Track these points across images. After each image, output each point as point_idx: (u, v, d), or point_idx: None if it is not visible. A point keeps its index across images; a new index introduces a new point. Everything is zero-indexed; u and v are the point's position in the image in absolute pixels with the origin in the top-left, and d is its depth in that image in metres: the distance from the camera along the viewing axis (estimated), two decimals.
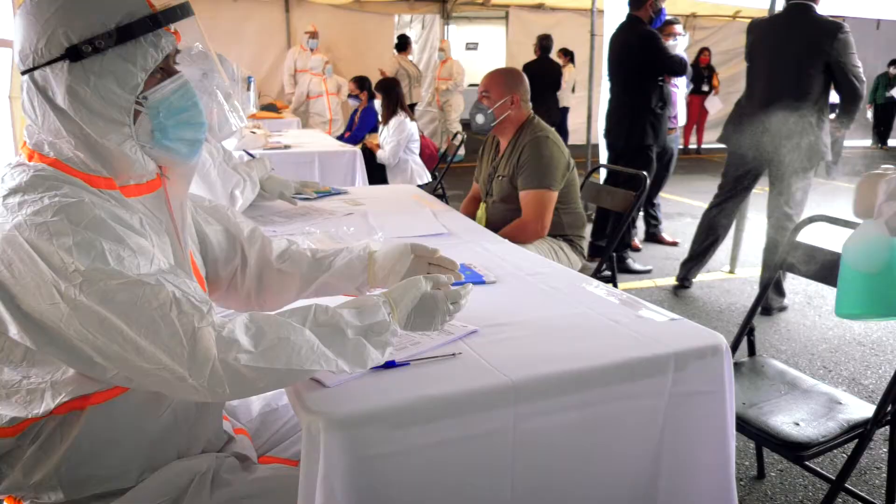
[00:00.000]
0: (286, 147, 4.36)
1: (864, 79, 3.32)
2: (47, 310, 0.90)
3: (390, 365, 1.14)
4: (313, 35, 7.75)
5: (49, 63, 0.97)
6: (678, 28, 4.62)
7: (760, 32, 3.60)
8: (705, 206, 4.00)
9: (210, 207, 1.37)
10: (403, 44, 8.57)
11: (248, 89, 4.73)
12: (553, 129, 2.69)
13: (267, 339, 0.96)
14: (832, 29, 3.24)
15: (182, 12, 1.03)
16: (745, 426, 1.65)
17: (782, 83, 3.37)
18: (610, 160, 4.51)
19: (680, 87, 5.08)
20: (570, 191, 2.62)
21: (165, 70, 1.06)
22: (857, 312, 1.38)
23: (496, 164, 2.70)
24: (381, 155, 5.00)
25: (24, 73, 0.99)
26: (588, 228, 3.04)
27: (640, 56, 4.12)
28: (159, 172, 1.13)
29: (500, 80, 2.64)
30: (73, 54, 0.96)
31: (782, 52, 3.39)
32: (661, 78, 4.19)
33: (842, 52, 3.22)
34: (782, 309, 3.71)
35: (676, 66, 4.17)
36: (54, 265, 0.90)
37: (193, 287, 0.98)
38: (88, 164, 1.01)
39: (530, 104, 2.69)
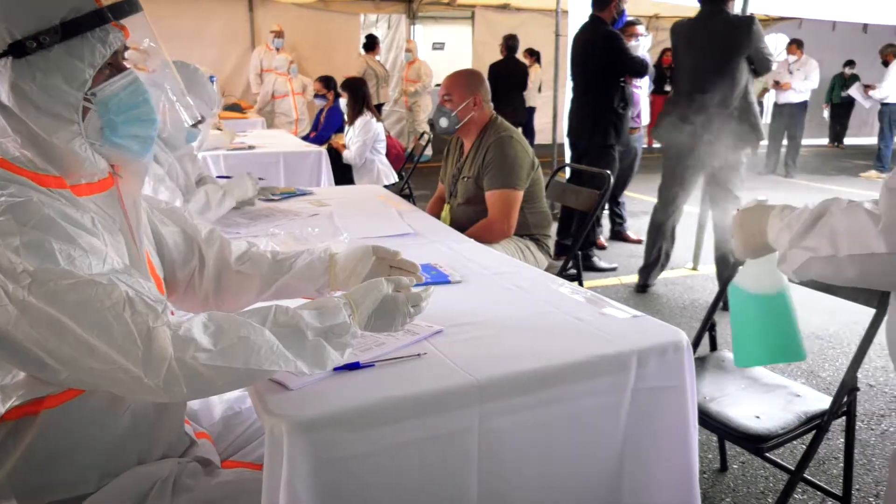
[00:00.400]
0: (250, 147, 4.31)
1: (773, 54, 3.69)
2: None
3: (355, 366, 1.14)
4: (279, 34, 7.68)
5: None
6: (640, 29, 4.69)
7: (683, 33, 3.81)
8: None
9: (167, 209, 1.35)
10: (371, 44, 8.55)
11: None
12: (516, 128, 2.70)
13: (226, 338, 0.95)
14: (747, 23, 3.54)
15: (130, 7, 1.01)
16: (708, 420, 1.68)
17: (710, 77, 3.58)
18: (573, 159, 4.56)
19: (642, 88, 5.15)
20: (535, 190, 2.63)
21: (114, 66, 1.04)
22: (759, 362, 1.26)
23: (460, 166, 2.71)
24: (347, 155, 4.97)
25: None
26: (553, 227, 3.06)
27: (602, 56, 4.17)
28: (111, 171, 1.10)
29: (460, 82, 2.64)
30: (17, 50, 0.93)
31: (706, 50, 3.62)
32: (622, 78, 4.25)
33: (757, 41, 3.54)
34: None
35: (638, 67, 4.23)
36: (2, 266, 0.88)
37: (148, 286, 0.97)
38: (36, 163, 0.99)
39: (492, 104, 2.70)
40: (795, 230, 1.01)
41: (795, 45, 8.46)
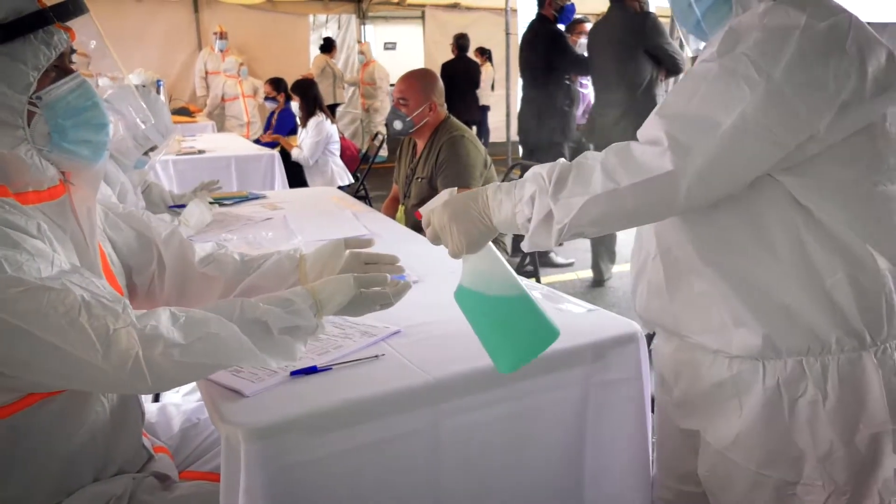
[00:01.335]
0: (200, 152, 4.22)
1: (680, 51, 3.71)
2: None
3: (312, 370, 1.13)
4: (222, 35, 7.54)
5: None
6: (589, 27, 4.75)
7: (594, 35, 3.95)
8: None
9: (123, 213, 1.31)
10: (328, 46, 8.53)
11: (159, 93, 4.53)
12: (467, 127, 2.71)
13: (196, 333, 0.95)
14: (643, 18, 3.63)
15: (74, 9, 0.99)
16: None
17: (619, 74, 3.69)
18: (524, 157, 4.61)
19: (589, 86, 5.23)
20: None
21: (61, 69, 1.01)
22: (524, 362, 1.08)
23: (413, 166, 2.70)
24: (297, 154, 4.88)
25: None
26: None
27: (546, 55, 4.23)
28: (62, 178, 1.07)
29: (416, 86, 2.61)
30: None
31: (609, 48, 3.74)
32: (567, 77, 4.31)
33: (655, 35, 3.60)
34: None
35: (581, 66, 4.30)
36: None
37: (102, 285, 0.95)
38: None
39: (445, 105, 2.70)
40: (553, 186, 0.96)
41: None
